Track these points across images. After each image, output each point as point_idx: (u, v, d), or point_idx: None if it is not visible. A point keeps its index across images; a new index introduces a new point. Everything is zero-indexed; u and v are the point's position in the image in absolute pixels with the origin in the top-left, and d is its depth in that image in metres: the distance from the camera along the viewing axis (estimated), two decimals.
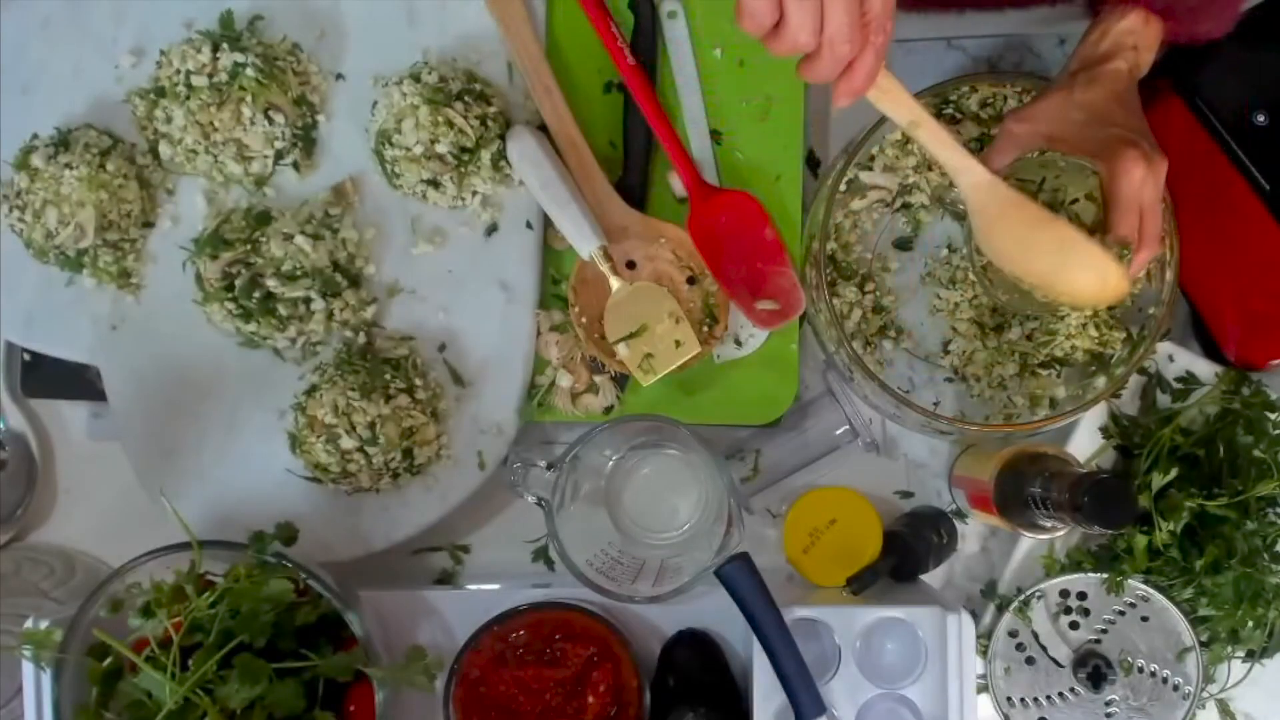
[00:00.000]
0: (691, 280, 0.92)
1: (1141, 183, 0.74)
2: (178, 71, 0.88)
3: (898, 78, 0.72)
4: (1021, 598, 0.89)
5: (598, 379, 0.92)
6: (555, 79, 0.91)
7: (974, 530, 0.96)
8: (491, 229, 0.92)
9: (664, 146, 0.91)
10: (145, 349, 0.92)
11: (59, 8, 0.93)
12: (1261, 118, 0.85)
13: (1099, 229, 0.78)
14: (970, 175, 0.77)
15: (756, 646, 0.78)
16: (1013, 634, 0.89)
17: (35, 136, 0.90)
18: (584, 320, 0.90)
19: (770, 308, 0.90)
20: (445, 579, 0.97)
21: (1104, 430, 0.91)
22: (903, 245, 0.94)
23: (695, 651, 0.88)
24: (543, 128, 0.92)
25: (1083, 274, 0.75)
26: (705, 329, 0.91)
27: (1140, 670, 0.88)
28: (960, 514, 0.95)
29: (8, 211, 0.89)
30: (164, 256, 0.92)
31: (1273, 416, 0.88)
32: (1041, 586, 0.89)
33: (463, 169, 0.89)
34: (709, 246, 0.91)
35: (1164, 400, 0.91)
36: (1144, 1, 0.78)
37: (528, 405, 0.92)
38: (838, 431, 0.93)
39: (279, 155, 0.91)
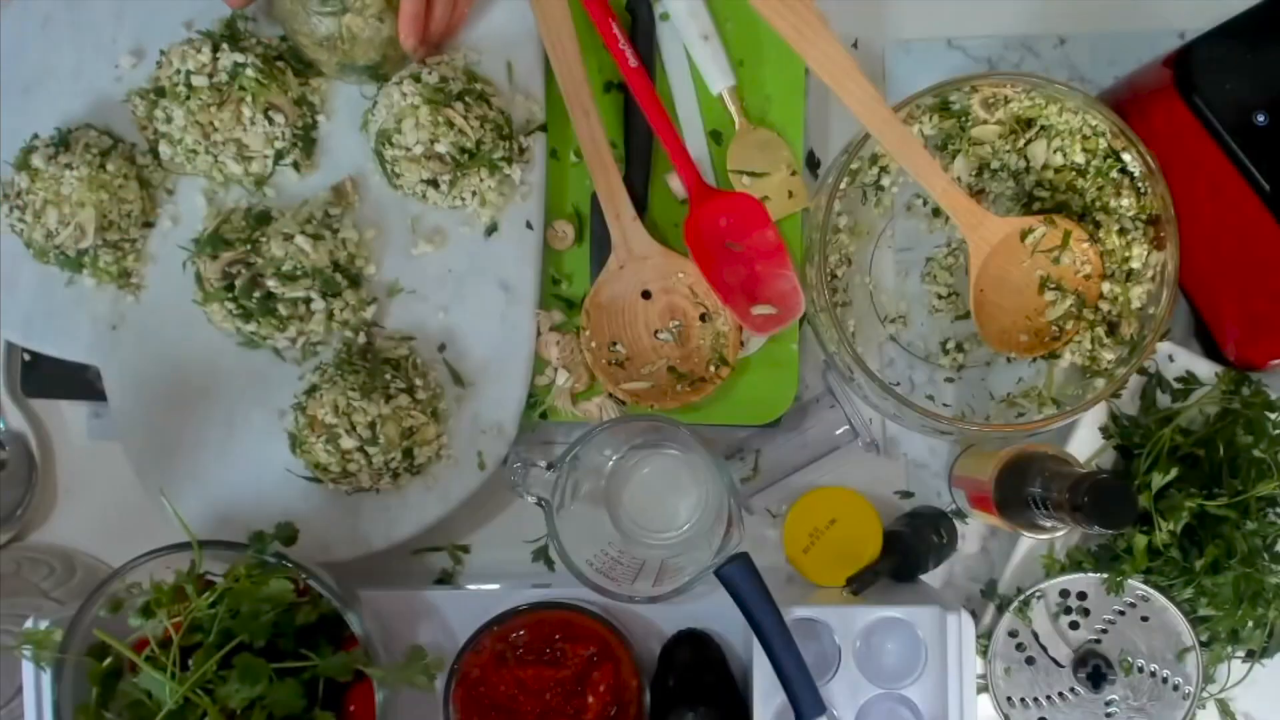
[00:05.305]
0: (704, 317, 0.92)
1: None
2: (178, 71, 0.88)
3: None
4: (1021, 598, 0.89)
5: (599, 401, 0.92)
6: (595, 102, 0.90)
7: (974, 530, 0.96)
8: (491, 229, 0.92)
9: (665, 148, 0.91)
10: (145, 349, 0.92)
11: (59, 8, 0.93)
12: (1261, 118, 0.85)
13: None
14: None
15: (756, 646, 0.78)
16: (1013, 634, 0.89)
17: (35, 136, 0.90)
18: (594, 345, 0.90)
19: (766, 313, 0.90)
20: (445, 579, 0.97)
21: (1104, 430, 0.91)
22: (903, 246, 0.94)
23: (695, 651, 0.88)
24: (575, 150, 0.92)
25: None
26: (712, 369, 0.91)
27: (1140, 670, 0.88)
28: (960, 514, 0.95)
29: (8, 211, 0.89)
30: (164, 256, 0.92)
31: (1273, 416, 0.88)
32: (1041, 586, 0.89)
33: (463, 169, 0.89)
34: (705, 250, 0.91)
35: (1164, 400, 0.91)
36: None
37: (528, 412, 0.92)
38: (838, 431, 0.93)
39: (279, 155, 0.91)
